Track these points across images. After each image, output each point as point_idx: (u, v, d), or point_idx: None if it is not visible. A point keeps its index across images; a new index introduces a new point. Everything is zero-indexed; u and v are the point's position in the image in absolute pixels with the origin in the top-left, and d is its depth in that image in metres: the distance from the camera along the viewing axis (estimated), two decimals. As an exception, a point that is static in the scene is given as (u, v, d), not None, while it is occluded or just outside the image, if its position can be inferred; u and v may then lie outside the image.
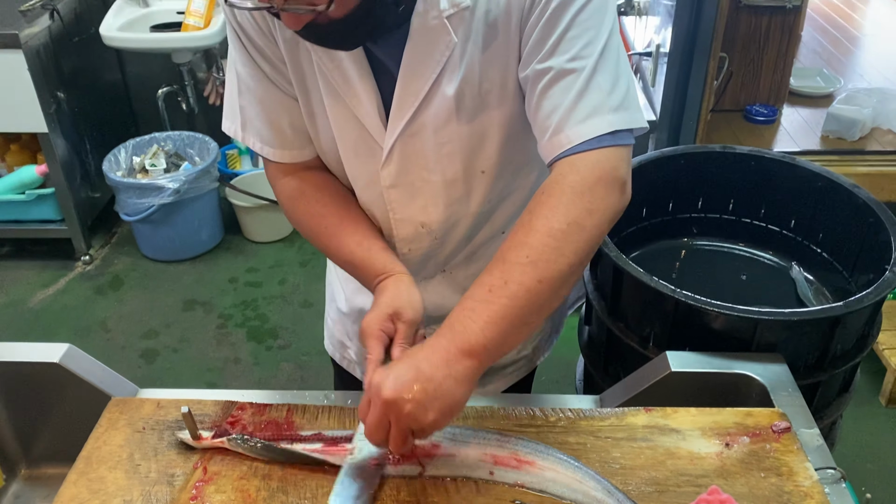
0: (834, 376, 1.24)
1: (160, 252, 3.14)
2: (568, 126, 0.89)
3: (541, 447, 0.95)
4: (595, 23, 0.90)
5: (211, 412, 1.02)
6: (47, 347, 1.14)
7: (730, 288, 1.48)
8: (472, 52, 0.93)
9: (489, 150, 1.02)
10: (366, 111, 0.99)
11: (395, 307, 0.99)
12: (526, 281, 0.84)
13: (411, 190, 1.05)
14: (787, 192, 1.49)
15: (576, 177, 0.88)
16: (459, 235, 1.12)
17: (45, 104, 2.76)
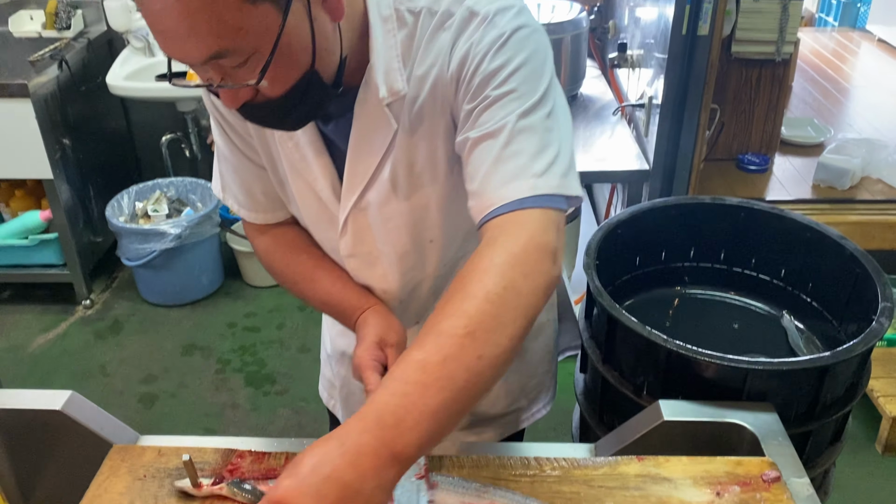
0: (825, 425, 1.26)
1: (160, 296, 3.16)
2: (490, 189, 0.87)
3: (518, 497, 0.96)
4: (525, 90, 0.89)
5: (211, 460, 1.04)
6: (50, 395, 1.16)
7: (722, 336, 1.51)
8: (406, 136, 0.98)
9: (432, 222, 1.06)
10: (321, 186, 1.05)
11: (379, 335, 1.04)
12: (465, 358, 0.74)
13: (369, 259, 1.11)
14: (777, 243, 1.53)
15: (507, 239, 0.83)
16: (423, 296, 1.17)
17: (50, 151, 2.81)
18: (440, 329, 0.76)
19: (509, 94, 0.88)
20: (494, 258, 0.81)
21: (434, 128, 0.97)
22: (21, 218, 2.99)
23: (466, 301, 0.78)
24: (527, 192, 0.85)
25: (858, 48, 4.34)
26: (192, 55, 0.79)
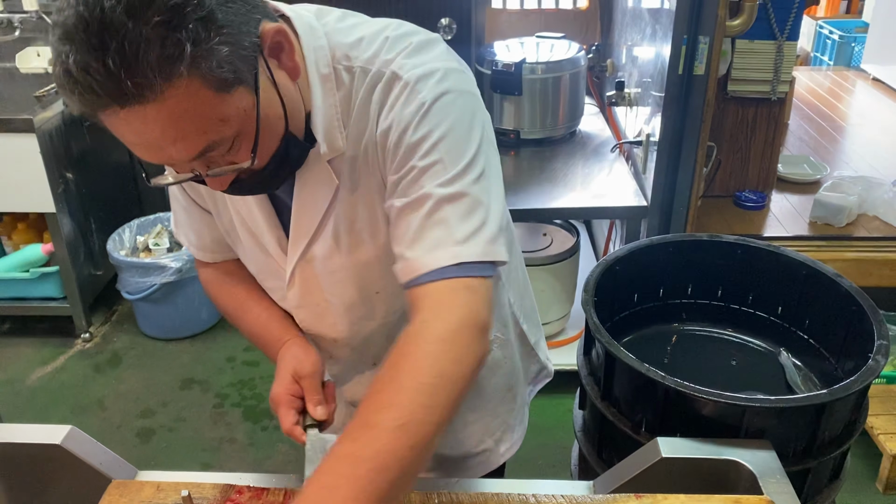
0: (823, 463, 1.26)
1: (160, 330, 3.16)
2: (413, 256, 0.89)
3: None
4: (450, 158, 0.89)
5: (209, 496, 1.04)
6: (50, 429, 1.16)
7: (720, 373, 1.52)
8: (345, 193, 0.99)
9: (377, 276, 1.06)
10: (268, 240, 1.07)
11: (293, 368, 1.06)
12: (398, 449, 0.75)
13: (317, 310, 1.12)
14: (774, 280, 1.54)
15: (436, 322, 0.84)
16: (377, 342, 1.16)
17: (53, 185, 2.83)
18: (372, 422, 0.77)
19: (434, 165, 0.89)
20: (424, 346, 0.83)
21: (370, 186, 0.98)
22: (23, 251, 3.00)
23: (399, 394, 0.79)
24: (449, 261, 0.86)
25: (853, 87, 4.40)
26: (182, 157, 0.81)
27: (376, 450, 0.75)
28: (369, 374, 1.22)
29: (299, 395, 1.05)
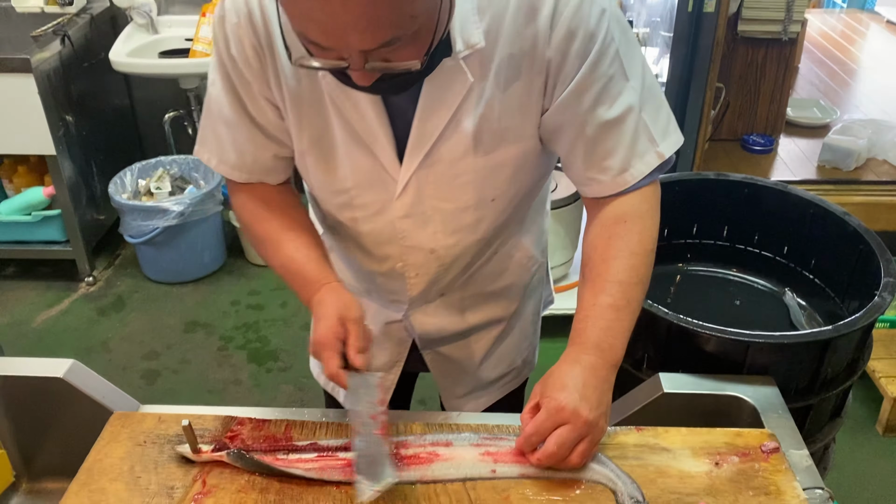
0: (825, 400, 1.26)
1: (163, 274, 3.17)
2: (631, 165, 1.01)
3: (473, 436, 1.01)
4: (631, 62, 0.97)
5: (211, 427, 1.04)
6: (52, 363, 1.16)
7: (724, 313, 1.51)
8: (491, 91, 0.97)
9: (501, 179, 1.06)
10: (382, 146, 1.02)
11: (339, 310, 1.02)
12: (638, 297, 1.02)
13: (423, 218, 1.09)
14: (780, 220, 1.52)
15: (645, 205, 1.05)
16: (464, 261, 1.16)
17: (53, 127, 2.80)
18: (620, 280, 1.01)
19: (623, 65, 0.96)
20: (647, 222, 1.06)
21: (532, 86, 0.97)
22: (24, 194, 2.99)
23: (634, 258, 1.02)
24: (656, 161, 1.02)
25: (867, 30, 4.30)
26: (359, 45, 0.79)
27: (628, 300, 1.01)
28: (433, 306, 1.23)
29: (343, 338, 1.01)
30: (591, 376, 0.97)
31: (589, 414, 0.94)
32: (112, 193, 3.01)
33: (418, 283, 1.18)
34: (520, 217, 1.18)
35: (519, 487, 0.95)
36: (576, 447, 0.94)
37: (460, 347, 1.30)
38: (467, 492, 0.95)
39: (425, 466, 0.97)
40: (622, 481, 0.95)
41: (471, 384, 1.35)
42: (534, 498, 0.94)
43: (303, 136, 1.05)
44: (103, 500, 0.93)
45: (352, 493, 0.94)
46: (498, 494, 0.94)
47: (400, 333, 1.28)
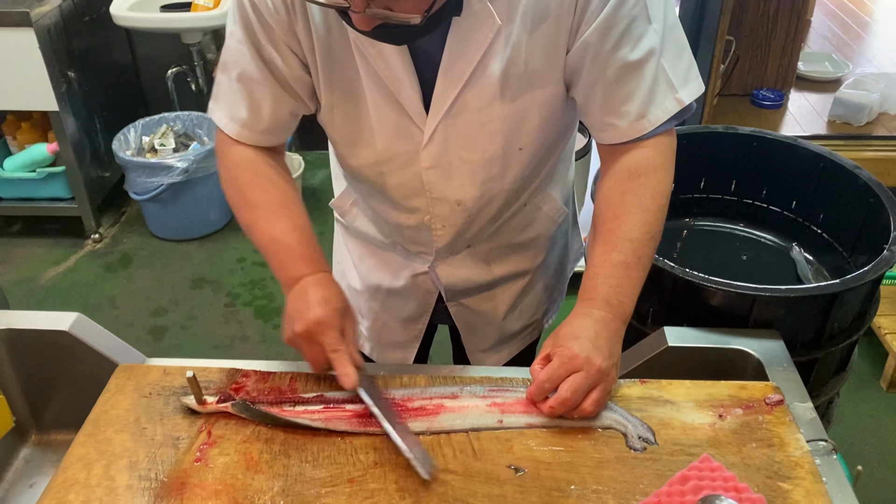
0: (831, 354, 1.25)
1: (169, 231, 3.17)
2: (649, 111, 0.99)
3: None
4: (654, 2, 0.95)
5: (216, 379, 1.05)
6: (57, 316, 1.17)
7: (730, 268, 1.50)
8: (518, 34, 0.95)
9: (529, 128, 1.05)
10: (407, 95, 1.00)
11: (341, 305, 1.03)
12: (649, 253, 1.02)
13: (450, 170, 1.08)
14: (789, 174, 1.50)
15: (660, 158, 1.03)
16: (491, 212, 1.16)
17: (55, 83, 2.78)
18: (632, 236, 1.01)
19: (645, 12, 0.94)
20: (660, 175, 1.04)
21: (559, 28, 0.95)
22: (28, 151, 2.98)
23: (646, 214, 1.02)
24: (676, 107, 1.00)
25: (882, -18, 4.20)
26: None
27: (639, 256, 1.01)
28: (459, 258, 1.23)
29: (340, 328, 1.01)
30: (602, 329, 0.98)
31: (602, 362, 0.95)
32: (116, 150, 2.99)
33: (445, 235, 1.17)
34: (548, 168, 1.18)
35: (522, 438, 0.95)
36: (588, 395, 0.95)
37: (485, 299, 1.31)
38: (471, 442, 0.95)
39: (432, 418, 0.98)
40: (632, 423, 0.97)
41: (494, 337, 1.36)
42: (537, 448, 0.94)
43: (333, 87, 1.03)
44: (109, 451, 0.94)
45: (357, 445, 0.95)
46: (501, 445, 0.95)
47: (426, 285, 1.28)
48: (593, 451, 0.94)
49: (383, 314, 1.36)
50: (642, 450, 0.94)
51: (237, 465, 0.92)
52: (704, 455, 0.90)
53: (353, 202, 1.30)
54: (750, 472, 0.91)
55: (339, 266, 1.41)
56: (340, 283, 1.40)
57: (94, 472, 0.92)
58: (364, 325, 1.40)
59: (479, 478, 0.91)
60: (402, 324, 1.36)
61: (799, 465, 0.92)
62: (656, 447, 0.94)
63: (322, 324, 0.98)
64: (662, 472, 0.91)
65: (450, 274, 1.25)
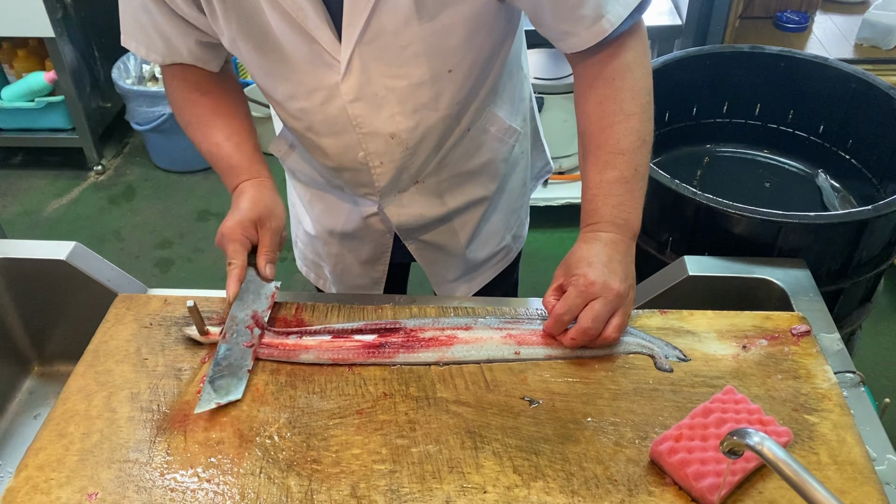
0: (857, 284, 1.21)
1: (173, 162, 3.11)
2: (606, 10, 0.91)
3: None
4: None
5: (219, 309, 1.01)
6: (54, 245, 1.13)
7: (752, 195, 1.44)
8: None
9: (454, 47, 0.96)
10: (314, 23, 0.92)
11: (259, 213, 1.00)
12: (644, 161, 0.96)
13: (376, 100, 1.00)
14: (818, 96, 1.43)
15: (631, 56, 0.95)
16: (431, 143, 1.08)
17: (50, 8, 2.68)
18: (621, 148, 0.94)
19: None
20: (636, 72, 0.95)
21: None
22: (26, 79, 2.90)
23: (632, 119, 0.95)
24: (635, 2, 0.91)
25: None
26: None
27: (635, 167, 0.95)
28: (408, 194, 1.16)
29: (254, 240, 1.00)
30: (613, 251, 0.93)
31: (619, 285, 0.91)
32: (116, 79, 2.91)
33: (385, 172, 1.09)
34: (488, 86, 1.08)
35: (537, 369, 0.92)
36: (609, 321, 0.92)
37: (444, 233, 1.23)
38: (483, 374, 0.91)
39: (445, 348, 0.94)
40: (657, 345, 0.93)
41: (460, 268, 1.29)
42: (552, 380, 0.90)
43: (230, 19, 0.95)
44: (110, 382, 0.91)
45: (366, 376, 0.92)
46: (515, 376, 0.91)
47: (378, 226, 1.21)
48: (610, 382, 0.90)
49: (343, 258, 1.30)
50: (671, 370, 0.91)
51: (242, 397, 0.89)
52: (728, 387, 0.86)
53: (290, 144, 1.22)
54: (775, 405, 0.87)
55: (294, 210, 1.36)
56: (297, 228, 1.37)
57: (94, 403, 0.89)
58: (326, 269, 1.35)
59: (492, 410, 0.87)
60: (363, 266, 1.30)
61: (826, 397, 0.88)
62: (677, 379, 0.90)
63: (225, 236, 0.98)
64: (683, 404, 0.87)
65: (400, 213, 1.17)
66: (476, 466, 0.81)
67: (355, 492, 0.79)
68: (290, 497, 0.78)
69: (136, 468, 0.81)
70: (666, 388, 0.89)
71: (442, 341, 0.95)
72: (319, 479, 0.80)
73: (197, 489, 0.79)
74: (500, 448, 0.83)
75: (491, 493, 0.78)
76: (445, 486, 0.79)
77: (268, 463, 0.82)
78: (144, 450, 0.83)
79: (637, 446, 0.83)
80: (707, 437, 0.80)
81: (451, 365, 0.93)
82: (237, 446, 0.84)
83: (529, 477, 0.80)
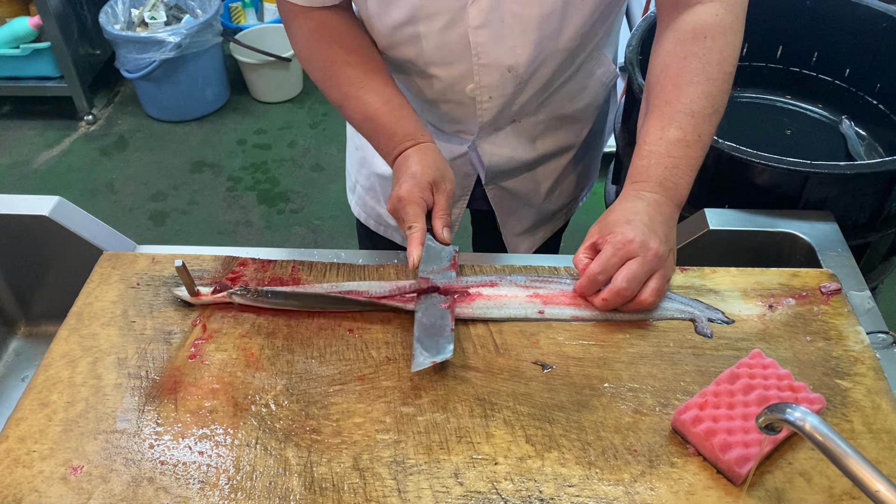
0: (885, 237, 1.15)
1: (165, 112, 3.02)
2: None
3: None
4: None
5: (210, 268, 0.95)
6: (37, 200, 1.06)
7: (773, 143, 1.36)
8: None
9: None
10: None
11: (433, 176, 0.93)
12: (710, 131, 0.90)
13: (501, 29, 0.94)
14: (845, 37, 1.34)
15: (730, 16, 0.91)
16: (542, 80, 1.04)
17: (32, -52, 2.56)
18: (693, 111, 0.88)
19: None
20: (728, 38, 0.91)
21: None
22: (9, 25, 2.79)
23: (710, 84, 0.89)
24: None
25: None
26: None
27: (699, 134, 0.89)
28: (502, 134, 1.12)
29: (429, 203, 0.93)
30: (656, 212, 0.87)
31: (659, 246, 0.85)
32: (104, 24, 2.80)
33: (491, 107, 1.05)
34: (608, 25, 1.04)
35: (550, 331, 0.86)
36: (646, 283, 0.85)
37: (526, 180, 1.20)
38: (493, 336, 0.86)
39: (466, 304, 0.88)
40: (697, 308, 0.88)
41: (531, 219, 1.27)
42: (567, 343, 0.85)
43: None
44: (95, 346, 0.85)
45: (367, 339, 0.86)
46: (527, 339, 0.86)
47: (464, 168, 1.16)
48: (628, 345, 0.85)
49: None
50: (711, 335, 0.85)
51: (236, 362, 0.84)
52: (755, 350, 0.80)
53: None
54: (804, 369, 0.82)
55: (360, 153, 1.28)
56: (360, 171, 1.29)
57: (78, 369, 0.83)
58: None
59: (503, 375, 0.82)
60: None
61: (859, 360, 0.82)
62: (700, 341, 0.85)
63: (402, 199, 0.92)
64: (706, 369, 0.82)
65: (492, 153, 1.14)
66: (486, 436, 0.76)
67: (357, 464, 0.74)
68: (288, 469, 0.73)
69: (124, 439, 0.76)
70: (688, 352, 0.84)
71: (467, 297, 0.89)
72: (319, 450, 0.75)
73: (189, 462, 0.74)
74: (511, 416, 0.78)
75: (502, 465, 0.73)
76: (454, 458, 0.74)
77: (264, 433, 0.77)
78: (132, 419, 0.78)
79: (658, 414, 0.78)
80: (734, 404, 0.75)
81: (469, 322, 0.87)
82: (231, 415, 0.78)
83: (543, 447, 0.75)
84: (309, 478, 0.73)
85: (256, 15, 3.26)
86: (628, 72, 1.20)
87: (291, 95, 3.12)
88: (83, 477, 0.73)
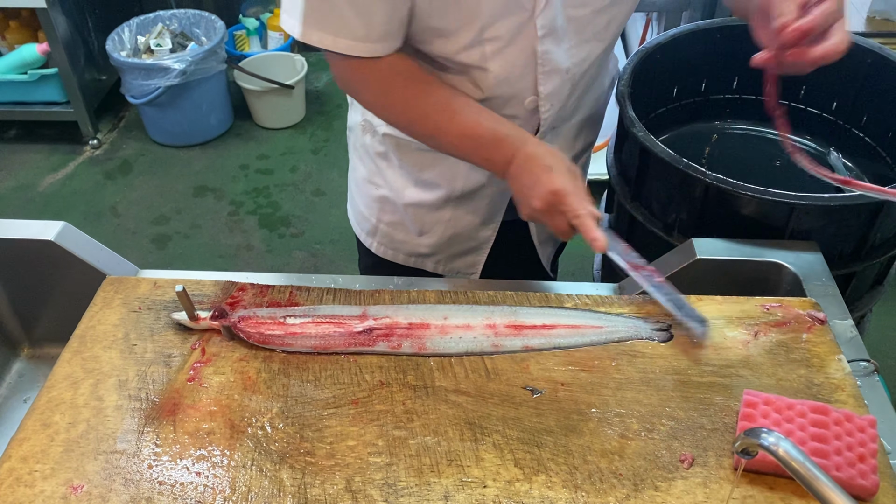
0: (870, 267, 1.17)
1: (169, 137, 3.06)
2: None
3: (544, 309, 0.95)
4: None
5: (210, 293, 0.98)
6: (42, 225, 1.09)
7: (762, 174, 1.39)
8: None
9: None
10: None
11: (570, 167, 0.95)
12: None
13: (559, 33, 0.97)
14: (831, 71, 1.35)
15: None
16: (588, 79, 1.08)
17: (42, -22, 2.62)
18: None
19: None
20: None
21: None
22: (18, 51, 2.84)
23: None
24: None
25: None
26: None
27: None
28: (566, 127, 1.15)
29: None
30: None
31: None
32: (110, 51, 2.85)
33: (549, 115, 1.06)
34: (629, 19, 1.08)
35: (539, 357, 0.89)
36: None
37: None
38: (484, 362, 0.88)
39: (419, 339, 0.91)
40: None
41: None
42: (555, 368, 0.87)
43: None
44: (97, 369, 0.88)
45: (361, 364, 0.88)
46: (517, 364, 0.88)
47: (502, 184, 1.11)
48: (615, 371, 0.87)
49: (452, 224, 1.22)
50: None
51: (233, 385, 0.86)
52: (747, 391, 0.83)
53: None
54: (786, 395, 0.84)
55: (381, 191, 1.23)
56: (384, 209, 1.25)
57: (80, 391, 0.86)
58: (426, 242, 1.25)
59: (493, 399, 0.84)
60: (474, 229, 1.23)
61: (840, 387, 0.85)
62: (684, 368, 0.87)
63: (558, 192, 0.90)
64: (691, 395, 0.84)
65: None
66: (476, 459, 0.78)
67: (350, 485, 0.76)
68: (282, 491, 0.75)
69: (124, 459, 0.78)
70: (673, 378, 0.86)
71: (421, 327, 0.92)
72: (313, 472, 0.77)
73: (186, 482, 0.76)
74: (500, 440, 0.80)
75: (491, 488, 0.76)
76: (444, 480, 0.76)
77: (260, 455, 0.79)
78: (132, 440, 0.80)
79: (643, 438, 0.80)
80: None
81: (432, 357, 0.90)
82: (228, 437, 0.81)
83: (531, 471, 0.77)
84: (303, 499, 0.75)
85: (261, 43, 3.32)
86: (620, 105, 1.23)
87: (294, 122, 3.16)
88: (83, 496, 0.75)
